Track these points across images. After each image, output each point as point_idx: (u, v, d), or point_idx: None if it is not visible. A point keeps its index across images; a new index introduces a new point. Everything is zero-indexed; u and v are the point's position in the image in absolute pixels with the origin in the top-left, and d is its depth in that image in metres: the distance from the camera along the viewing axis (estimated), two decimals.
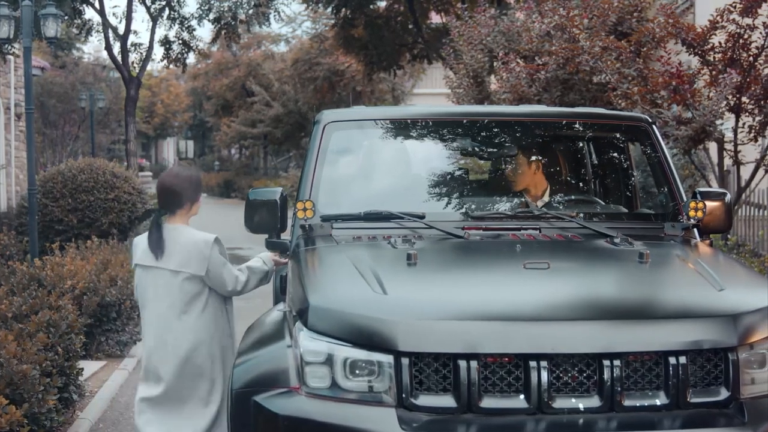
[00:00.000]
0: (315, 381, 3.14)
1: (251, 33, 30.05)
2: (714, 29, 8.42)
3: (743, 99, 8.31)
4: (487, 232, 4.09)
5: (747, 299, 3.34)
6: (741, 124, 8.51)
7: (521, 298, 3.32)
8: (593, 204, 4.75)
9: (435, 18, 24.35)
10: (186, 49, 22.15)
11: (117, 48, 21.04)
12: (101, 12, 20.44)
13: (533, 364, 3.03)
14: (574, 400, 3.05)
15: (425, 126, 4.66)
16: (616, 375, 3.05)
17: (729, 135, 8.72)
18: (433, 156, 4.59)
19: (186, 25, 21.65)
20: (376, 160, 4.64)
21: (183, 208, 4.53)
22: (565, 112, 5.29)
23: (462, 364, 3.02)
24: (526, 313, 3.17)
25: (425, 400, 3.06)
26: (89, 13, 21.19)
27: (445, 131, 4.65)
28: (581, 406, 3.04)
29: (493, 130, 4.73)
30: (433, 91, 30.26)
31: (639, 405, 3.07)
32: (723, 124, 8.55)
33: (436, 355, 3.06)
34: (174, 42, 21.99)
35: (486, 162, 4.98)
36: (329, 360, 3.12)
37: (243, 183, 34.26)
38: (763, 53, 8.23)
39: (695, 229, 4.33)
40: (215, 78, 40.04)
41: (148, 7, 21.16)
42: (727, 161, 8.96)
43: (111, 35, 20.92)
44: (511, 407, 3.04)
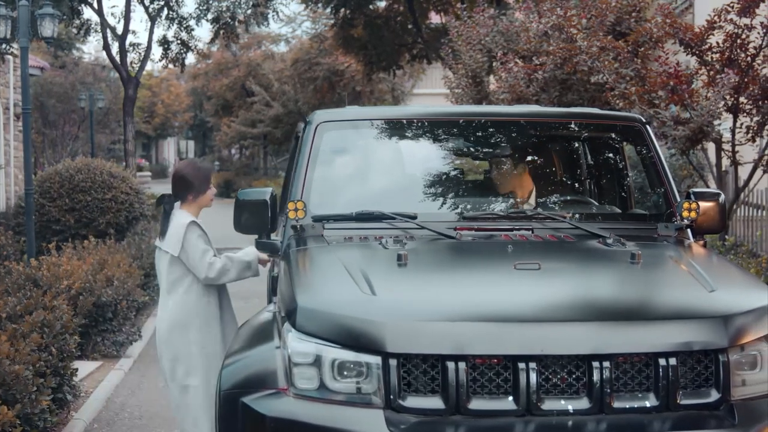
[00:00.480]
0: (303, 382, 3.13)
1: (250, 33, 30.04)
2: (712, 29, 8.38)
3: (741, 99, 8.28)
4: (480, 232, 4.06)
5: (738, 300, 3.32)
6: (739, 124, 8.47)
7: (510, 299, 3.30)
8: (586, 204, 4.73)
9: (435, 18, 24.32)
10: (184, 49, 22.14)
11: (115, 48, 21.06)
12: (99, 12, 20.44)
13: (522, 365, 3.01)
14: (563, 401, 3.04)
15: (417, 126, 4.63)
16: (605, 376, 3.03)
17: (727, 135, 8.69)
18: (426, 156, 4.56)
19: (184, 25, 21.64)
20: (368, 160, 4.61)
21: (189, 196, 4.86)
22: (559, 112, 5.26)
23: (450, 365, 3.01)
24: (515, 314, 3.15)
25: (413, 401, 3.04)
26: (87, 13, 21.16)
27: (438, 131, 4.62)
28: (570, 407, 3.03)
29: (486, 130, 4.70)
30: (433, 92, 30.23)
31: (629, 407, 3.05)
32: (721, 124, 8.52)
33: (424, 357, 3.05)
34: (172, 42, 21.98)
35: (479, 162, 4.95)
36: (317, 361, 3.11)
37: (243, 183, 34.22)
38: (761, 53, 8.20)
39: (689, 230, 4.30)
40: (215, 78, 40.02)
41: (146, 7, 21.15)
42: (725, 162, 8.93)
43: (109, 35, 20.92)
44: (500, 409, 3.02)
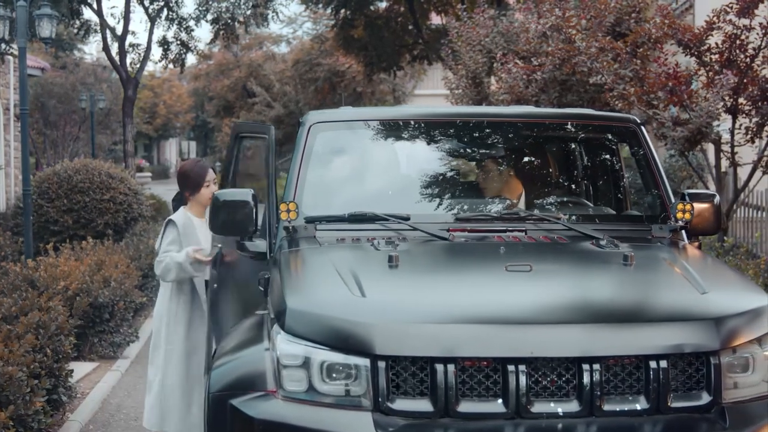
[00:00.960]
0: (292, 384, 3.11)
1: (251, 34, 30.04)
2: (710, 30, 8.36)
3: (740, 100, 8.26)
4: (473, 234, 4.03)
5: (730, 302, 3.30)
6: (738, 125, 8.46)
7: (501, 301, 3.28)
8: (581, 205, 4.70)
9: (435, 19, 24.31)
10: (184, 50, 22.12)
11: (115, 49, 21.05)
12: (99, 12, 20.43)
13: (511, 368, 2.99)
14: (553, 404, 3.02)
15: (411, 127, 4.60)
16: (595, 379, 3.01)
17: (726, 136, 8.67)
18: (420, 157, 4.53)
19: (184, 26, 21.63)
20: (361, 161, 4.57)
21: (185, 193, 5.26)
22: (553, 112, 5.24)
23: (439, 367, 2.99)
24: (504, 317, 3.13)
25: (402, 404, 3.02)
26: (87, 14, 21.16)
27: (432, 132, 4.58)
28: (560, 410, 3.01)
29: (481, 131, 4.68)
30: (434, 92, 30.20)
31: (619, 410, 3.03)
32: (720, 125, 8.50)
33: (413, 359, 3.03)
34: (172, 43, 21.96)
35: (474, 163, 4.92)
36: (306, 363, 3.09)
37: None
38: (760, 54, 8.19)
39: (683, 231, 4.28)
40: (216, 79, 40.03)
41: (146, 8, 21.13)
42: (725, 163, 8.91)
43: (109, 36, 20.92)
44: (489, 412, 3.00)
